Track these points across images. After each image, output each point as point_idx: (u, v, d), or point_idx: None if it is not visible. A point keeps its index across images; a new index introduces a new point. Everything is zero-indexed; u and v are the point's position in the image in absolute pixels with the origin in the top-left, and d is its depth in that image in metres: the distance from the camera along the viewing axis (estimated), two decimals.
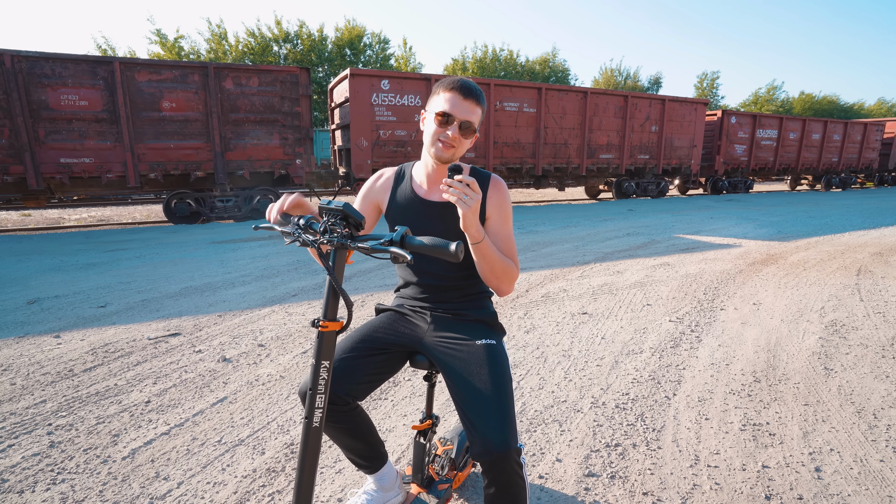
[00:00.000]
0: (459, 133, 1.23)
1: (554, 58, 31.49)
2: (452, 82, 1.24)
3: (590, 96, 11.84)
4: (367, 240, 0.95)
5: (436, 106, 1.25)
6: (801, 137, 17.07)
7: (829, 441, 1.96)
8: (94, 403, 2.22)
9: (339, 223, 0.95)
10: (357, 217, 0.95)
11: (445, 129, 1.23)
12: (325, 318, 0.96)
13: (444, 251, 0.92)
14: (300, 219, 1.00)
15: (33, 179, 7.44)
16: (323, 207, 0.96)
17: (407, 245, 0.94)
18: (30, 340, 2.99)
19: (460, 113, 1.22)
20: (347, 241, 0.95)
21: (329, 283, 0.97)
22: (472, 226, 1.17)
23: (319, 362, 0.96)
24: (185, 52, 21.58)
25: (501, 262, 1.26)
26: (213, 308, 3.67)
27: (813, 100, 39.88)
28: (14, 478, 1.68)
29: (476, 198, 1.12)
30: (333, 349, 0.98)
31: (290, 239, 1.00)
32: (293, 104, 8.84)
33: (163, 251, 5.95)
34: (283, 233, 1.01)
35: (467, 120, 1.23)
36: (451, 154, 1.25)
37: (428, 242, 0.94)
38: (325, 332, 0.96)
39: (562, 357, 2.79)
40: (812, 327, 3.30)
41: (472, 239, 1.20)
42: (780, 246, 6.35)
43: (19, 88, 7.10)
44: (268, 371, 2.58)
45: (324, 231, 0.96)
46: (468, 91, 1.23)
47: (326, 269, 0.94)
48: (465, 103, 1.22)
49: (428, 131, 1.27)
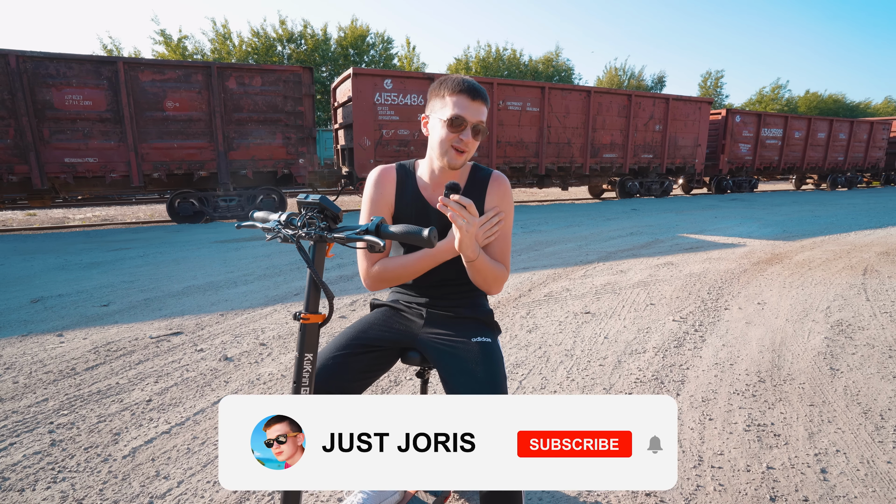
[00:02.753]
0: (472, 136, 1.20)
1: (557, 57, 31.41)
2: (458, 84, 1.20)
3: (593, 95, 11.79)
4: (343, 230, 0.97)
5: (444, 111, 1.20)
6: (807, 136, 16.96)
7: (835, 442, 1.94)
8: (96, 402, 2.22)
9: (318, 216, 0.97)
10: (334, 210, 0.97)
11: (458, 135, 1.19)
12: (306, 310, 0.97)
13: (418, 237, 0.94)
14: (281, 214, 1.02)
15: (38, 179, 7.47)
16: (301, 202, 0.98)
17: (382, 233, 0.96)
18: (33, 339, 3.00)
19: (472, 116, 1.19)
20: (325, 234, 0.97)
21: (309, 276, 0.97)
22: (468, 248, 1.16)
23: (303, 355, 0.97)
24: (189, 52, 21.65)
25: (493, 270, 1.25)
26: (216, 307, 3.67)
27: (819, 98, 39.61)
28: (15, 476, 1.68)
29: (473, 220, 1.11)
30: (317, 341, 0.99)
31: (271, 235, 1.02)
32: (296, 104, 8.85)
33: (166, 250, 5.97)
34: (265, 229, 1.03)
35: (480, 122, 1.20)
36: (463, 160, 1.23)
37: (401, 230, 0.96)
38: (307, 324, 0.97)
39: (564, 356, 2.77)
40: (817, 327, 3.27)
41: (468, 259, 1.20)
42: (784, 245, 6.30)
43: (24, 88, 7.13)
44: (269, 370, 2.58)
45: (302, 225, 0.98)
46: (476, 92, 1.20)
47: (306, 262, 0.96)
48: (474, 105, 1.19)
49: (437, 137, 1.23)
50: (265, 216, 1.07)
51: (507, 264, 1.31)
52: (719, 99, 36.55)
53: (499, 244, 1.31)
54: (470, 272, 1.25)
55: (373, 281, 1.29)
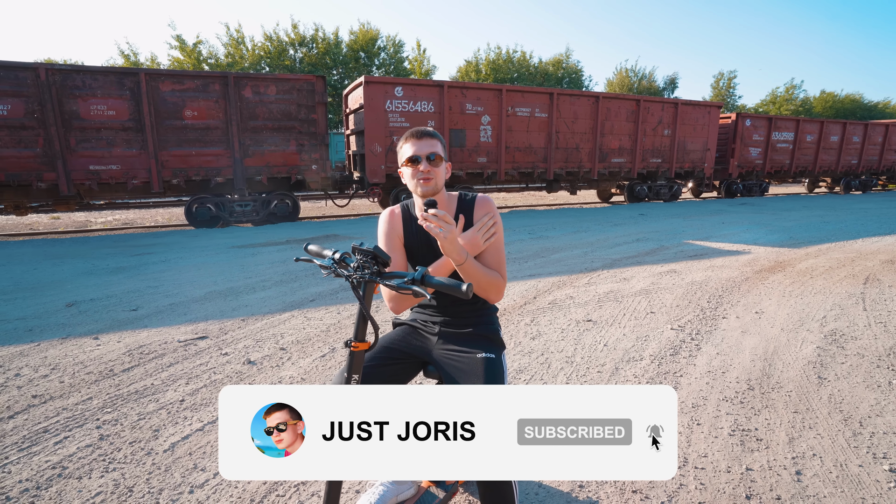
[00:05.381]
0: (430, 165, 1.44)
1: (567, 58, 31.46)
2: (407, 134, 1.48)
3: (602, 101, 11.90)
4: (393, 277, 1.14)
5: (403, 156, 1.47)
6: (819, 139, 16.86)
7: (812, 447, 2.09)
8: (135, 401, 2.45)
9: (370, 262, 1.14)
10: (384, 257, 1.13)
11: (418, 168, 1.45)
12: (355, 339, 1.15)
13: (457, 290, 1.07)
14: (335, 252, 1.20)
15: (65, 186, 7.82)
16: (356, 248, 1.16)
17: (426, 283, 1.11)
18: (72, 342, 3.25)
19: (423, 150, 1.44)
20: (377, 278, 1.14)
21: (359, 311, 1.15)
22: (453, 251, 1.35)
23: (350, 376, 1.15)
24: (203, 56, 22.13)
25: (486, 276, 1.44)
26: (237, 312, 3.90)
27: (835, 99, 39.04)
28: (73, 465, 1.91)
29: (450, 228, 1.29)
30: (362, 365, 1.17)
31: (327, 272, 1.19)
32: (309, 111, 9.11)
33: (186, 255, 6.24)
34: (322, 266, 1.21)
35: (432, 152, 1.45)
36: (432, 185, 1.45)
37: (444, 282, 1.10)
38: (355, 351, 1.15)
39: (565, 363, 2.95)
40: (811, 336, 3.40)
41: (455, 261, 1.38)
42: (789, 253, 6.39)
43: (53, 100, 7.47)
44: (290, 373, 2.79)
45: (357, 267, 1.15)
46: (420, 133, 1.47)
47: (358, 299, 1.14)
48: (422, 142, 1.45)
49: (407, 178, 1.48)
50: (319, 250, 1.26)
51: (502, 273, 1.51)
52: (732, 100, 36.26)
53: (492, 254, 1.50)
54: (463, 277, 1.43)
55: (395, 303, 1.48)
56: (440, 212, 1.28)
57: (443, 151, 1.48)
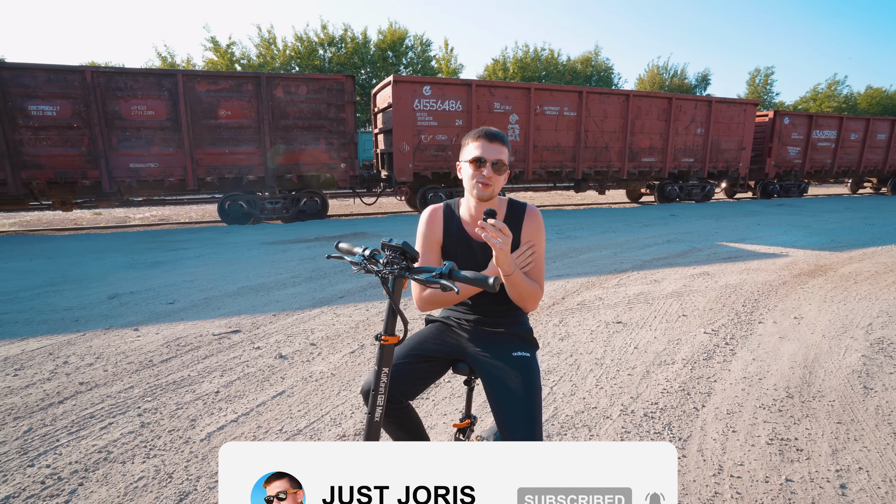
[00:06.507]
0: (493, 172, 1.42)
1: (596, 56, 30.94)
2: (478, 131, 1.44)
3: (632, 99, 11.66)
4: (421, 272, 1.15)
5: (468, 154, 1.44)
6: (864, 138, 16.06)
7: (858, 459, 2.00)
8: (173, 391, 2.54)
9: (399, 257, 1.16)
10: (413, 253, 1.16)
11: (481, 171, 1.42)
12: (385, 333, 1.17)
13: (484, 283, 1.11)
14: (365, 249, 1.22)
15: (107, 183, 8.17)
16: (385, 244, 1.18)
17: (454, 277, 1.13)
18: (114, 332, 3.40)
19: (490, 155, 1.42)
20: (406, 273, 1.16)
21: (389, 305, 1.17)
22: (505, 263, 1.35)
23: (381, 369, 1.16)
24: (236, 57, 22.74)
25: (528, 287, 1.44)
26: (268, 307, 3.99)
27: (882, 95, 37.09)
28: (117, 450, 2.00)
29: (507, 240, 1.29)
30: (391, 358, 1.19)
31: (357, 268, 1.21)
32: (339, 111, 9.24)
33: (219, 251, 6.43)
34: (352, 263, 1.23)
35: (498, 159, 1.42)
36: (489, 192, 1.43)
37: (471, 276, 1.13)
38: (385, 345, 1.16)
39: (594, 365, 2.90)
40: (856, 344, 3.24)
41: (504, 273, 1.39)
42: (831, 256, 6.11)
43: (97, 101, 7.82)
44: (320, 368, 2.84)
45: (386, 263, 1.17)
46: (492, 136, 1.43)
47: (387, 294, 1.15)
48: (491, 146, 1.42)
49: (466, 176, 1.46)
50: (349, 248, 1.28)
51: (541, 284, 1.51)
52: (769, 97, 34.92)
53: (533, 269, 1.50)
54: (507, 287, 1.44)
55: (424, 303, 1.49)
56: (499, 223, 1.29)
57: (508, 159, 1.47)
